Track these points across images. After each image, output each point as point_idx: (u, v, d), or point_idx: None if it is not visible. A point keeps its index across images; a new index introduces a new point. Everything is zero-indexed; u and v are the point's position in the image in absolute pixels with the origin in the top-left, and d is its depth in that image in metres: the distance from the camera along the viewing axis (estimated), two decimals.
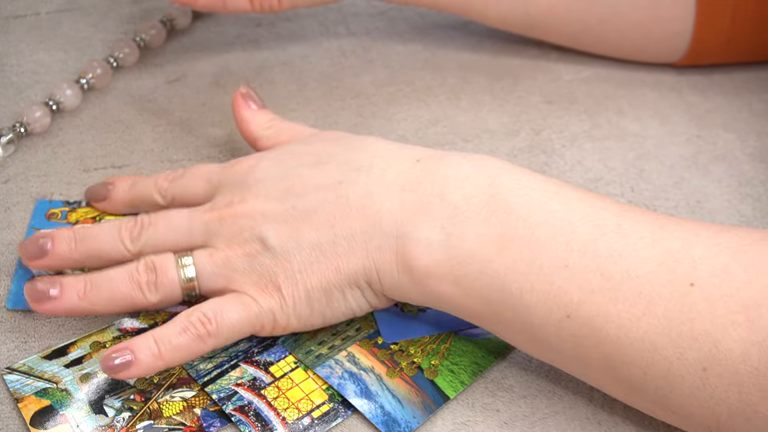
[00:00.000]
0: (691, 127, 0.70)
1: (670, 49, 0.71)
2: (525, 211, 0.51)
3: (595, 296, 0.49)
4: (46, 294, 0.54)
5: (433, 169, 0.54)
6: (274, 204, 0.54)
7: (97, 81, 0.71)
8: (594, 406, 0.54)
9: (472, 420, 0.53)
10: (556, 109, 0.71)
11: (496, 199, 0.52)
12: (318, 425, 0.53)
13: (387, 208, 0.53)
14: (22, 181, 0.65)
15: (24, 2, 0.79)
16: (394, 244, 0.52)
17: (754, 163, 0.67)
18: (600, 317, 0.48)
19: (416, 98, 0.72)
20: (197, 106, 0.71)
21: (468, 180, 0.53)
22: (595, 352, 0.49)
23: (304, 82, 0.73)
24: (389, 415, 0.53)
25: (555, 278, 0.49)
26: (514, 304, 0.50)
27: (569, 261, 0.49)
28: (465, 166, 0.53)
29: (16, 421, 0.53)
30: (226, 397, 0.54)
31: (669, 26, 0.69)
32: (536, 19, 0.71)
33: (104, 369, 0.52)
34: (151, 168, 0.66)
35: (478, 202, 0.52)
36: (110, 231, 0.56)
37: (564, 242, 0.50)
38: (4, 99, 0.71)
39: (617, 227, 0.50)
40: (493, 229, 0.51)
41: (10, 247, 0.61)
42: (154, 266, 0.54)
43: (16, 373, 0.55)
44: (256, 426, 0.52)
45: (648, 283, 0.48)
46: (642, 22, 0.69)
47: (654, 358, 0.47)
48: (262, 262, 0.53)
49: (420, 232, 0.52)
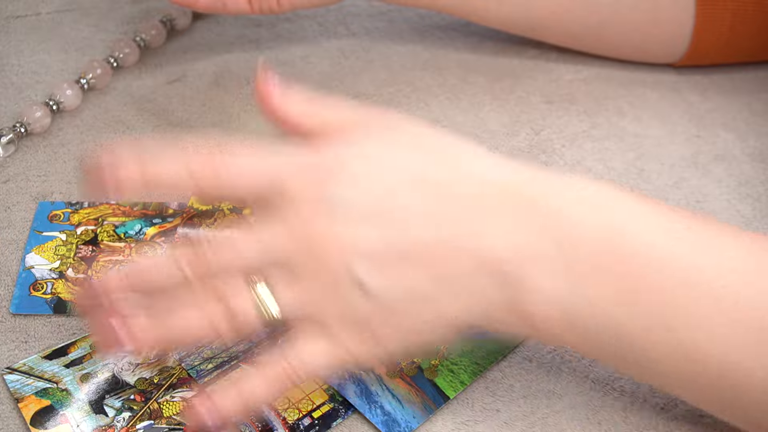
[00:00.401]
0: (690, 127, 0.70)
1: (670, 50, 0.71)
2: (653, 263, 0.46)
3: (735, 352, 0.45)
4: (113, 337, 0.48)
5: (547, 203, 0.47)
6: (367, 233, 0.47)
7: (97, 81, 0.71)
8: (594, 406, 0.54)
9: (472, 420, 0.54)
10: (556, 109, 0.71)
11: (619, 248, 0.46)
12: (318, 425, 0.53)
13: (498, 248, 0.47)
14: (22, 181, 0.65)
15: (24, 2, 0.79)
16: (507, 290, 0.47)
17: (753, 163, 0.67)
18: (741, 371, 0.46)
19: (416, 98, 0.72)
20: (197, 106, 0.71)
21: (586, 220, 0.47)
22: (734, 399, 0.47)
23: (304, 82, 0.73)
24: (389, 415, 0.53)
25: (687, 335, 0.46)
26: (639, 358, 0.47)
27: (701, 316, 0.46)
28: (583, 203, 0.48)
29: (16, 421, 0.53)
30: None
31: (669, 28, 0.69)
32: (537, 22, 0.71)
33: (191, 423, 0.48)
34: None
35: (599, 248, 0.47)
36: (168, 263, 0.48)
37: (695, 298, 0.46)
38: (4, 99, 0.71)
39: (759, 272, 0.46)
40: (617, 280, 0.46)
41: (11, 247, 0.61)
42: (228, 304, 0.47)
43: (17, 373, 0.55)
44: (256, 426, 0.52)
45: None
46: (642, 24, 0.69)
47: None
48: (352, 301, 0.47)
49: (535, 280, 0.47)
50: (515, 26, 0.71)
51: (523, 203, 0.48)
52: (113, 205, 0.63)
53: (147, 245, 0.61)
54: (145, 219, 0.63)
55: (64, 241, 0.61)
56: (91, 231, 0.62)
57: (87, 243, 0.61)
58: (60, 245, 0.61)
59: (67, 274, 0.57)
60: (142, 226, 0.62)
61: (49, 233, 0.62)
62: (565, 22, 0.70)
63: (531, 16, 0.70)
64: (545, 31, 0.71)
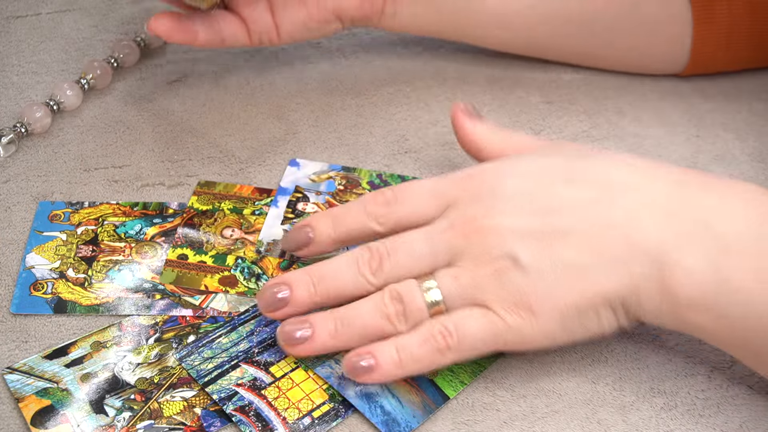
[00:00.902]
0: (690, 127, 0.70)
1: (669, 66, 0.71)
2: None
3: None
4: (300, 337, 0.54)
5: (697, 197, 0.52)
6: (525, 220, 0.52)
7: (97, 81, 0.71)
8: (594, 405, 0.54)
9: (472, 420, 0.54)
10: (555, 109, 0.71)
11: (767, 239, 0.50)
12: (318, 425, 0.53)
13: (651, 233, 0.51)
14: (22, 181, 0.65)
15: (24, 2, 0.79)
16: (658, 270, 0.50)
17: (753, 163, 0.67)
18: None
19: (416, 98, 0.72)
20: (197, 106, 0.71)
21: (736, 214, 0.51)
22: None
23: (304, 82, 0.73)
24: (389, 414, 0.53)
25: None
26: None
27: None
28: (733, 199, 0.52)
29: (16, 420, 0.53)
30: (226, 397, 0.54)
31: (667, 48, 0.70)
32: (537, 47, 0.72)
33: (347, 370, 0.52)
34: (151, 168, 0.66)
35: (747, 239, 0.50)
36: (348, 267, 0.54)
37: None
38: (4, 99, 0.71)
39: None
40: (764, 269, 0.49)
41: (11, 247, 0.61)
42: (400, 296, 0.53)
43: (17, 372, 0.55)
44: (256, 426, 0.52)
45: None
46: (640, 45, 0.70)
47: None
48: (512, 280, 0.52)
49: (686, 260, 0.50)
50: (516, 50, 0.72)
51: (675, 194, 0.52)
52: (113, 205, 0.64)
53: (147, 245, 0.61)
54: (146, 219, 0.63)
55: (64, 241, 0.61)
56: (92, 231, 0.62)
57: (87, 243, 0.61)
58: (60, 245, 0.61)
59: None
60: (143, 226, 0.62)
61: (49, 233, 0.62)
62: (566, 46, 0.71)
63: (531, 42, 0.71)
64: (546, 53, 0.72)
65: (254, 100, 0.71)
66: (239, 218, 0.63)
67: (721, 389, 0.55)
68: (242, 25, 0.67)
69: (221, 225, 0.62)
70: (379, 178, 0.65)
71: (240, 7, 0.67)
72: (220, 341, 0.56)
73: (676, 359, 0.56)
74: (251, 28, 0.67)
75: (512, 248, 0.52)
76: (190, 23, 0.66)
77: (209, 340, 0.56)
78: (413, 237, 0.54)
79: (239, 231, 0.62)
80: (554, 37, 0.70)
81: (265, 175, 0.66)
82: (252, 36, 0.68)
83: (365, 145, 0.68)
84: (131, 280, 0.59)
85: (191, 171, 0.66)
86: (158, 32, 0.65)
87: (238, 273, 0.59)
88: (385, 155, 0.67)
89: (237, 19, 0.67)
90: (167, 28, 0.65)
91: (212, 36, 0.67)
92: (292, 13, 0.67)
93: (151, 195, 0.65)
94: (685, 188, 0.52)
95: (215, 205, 0.63)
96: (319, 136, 0.69)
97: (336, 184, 0.65)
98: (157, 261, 0.60)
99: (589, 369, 0.56)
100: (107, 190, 0.65)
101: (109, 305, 0.58)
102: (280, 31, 0.68)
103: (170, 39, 0.66)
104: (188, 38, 0.66)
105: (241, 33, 0.67)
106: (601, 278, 0.51)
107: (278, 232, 0.62)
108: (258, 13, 0.67)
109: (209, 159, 0.67)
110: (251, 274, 0.59)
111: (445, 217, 0.54)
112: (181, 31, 0.65)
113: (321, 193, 0.64)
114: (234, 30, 0.67)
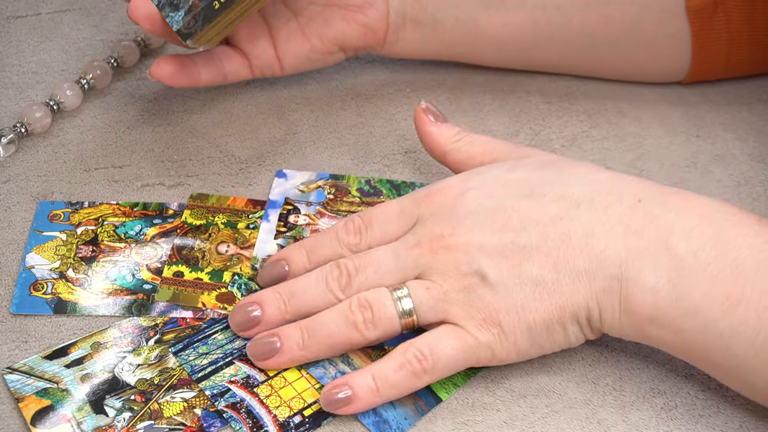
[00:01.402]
0: (690, 127, 0.70)
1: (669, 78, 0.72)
2: (753, 275, 0.50)
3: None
4: (269, 350, 0.54)
5: (657, 214, 0.53)
6: (491, 237, 0.53)
7: (97, 81, 0.71)
8: (594, 406, 0.54)
9: (472, 420, 0.54)
10: (555, 110, 0.71)
11: (723, 257, 0.51)
12: (309, 423, 0.53)
13: (611, 249, 0.52)
14: (22, 181, 0.65)
15: (24, 2, 0.79)
16: (617, 286, 0.52)
17: (753, 163, 0.67)
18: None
19: (416, 98, 0.72)
20: (197, 107, 0.71)
21: (693, 231, 0.52)
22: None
23: (304, 83, 0.73)
24: (381, 416, 0.53)
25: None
26: (737, 363, 0.50)
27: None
28: (690, 216, 0.52)
29: (16, 420, 0.53)
30: (219, 393, 0.54)
31: (667, 63, 0.70)
32: (536, 64, 0.72)
33: (324, 402, 0.52)
34: (151, 168, 0.66)
35: (705, 257, 0.51)
36: (317, 284, 0.55)
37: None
38: (4, 99, 0.71)
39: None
40: (720, 288, 0.50)
41: (11, 247, 0.61)
42: (368, 303, 0.54)
43: (17, 373, 0.55)
44: (247, 423, 0.53)
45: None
46: (640, 61, 0.70)
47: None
48: (480, 296, 0.53)
49: (645, 278, 0.51)
50: (515, 66, 0.72)
51: (636, 212, 0.53)
52: (113, 205, 0.64)
53: (147, 245, 0.61)
54: (145, 219, 0.63)
55: (64, 241, 0.61)
56: (92, 231, 0.62)
57: (87, 243, 0.61)
58: (60, 245, 0.61)
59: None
60: (143, 226, 0.62)
61: (49, 233, 0.62)
62: (563, 65, 0.71)
63: (528, 63, 0.71)
64: (544, 68, 0.72)
65: (254, 100, 0.71)
66: (234, 233, 0.62)
67: (721, 389, 0.55)
68: (244, 60, 0.67)
69: (216, 240, 0.62)
70: (368, 184, 0.65)
71: (242, 43, 0.67)
72: (215, 337, 0.56)
73: (676, 359, 0.56)
74: (254, 63, 0.67)
75: (480, 265, 0.53)
76: (192, 65, 0.65)
77: (205, 336, 0.56)
78: (381, 254, 0.55)
79: (234, 246, 0.61)
80: (554, 54, 0.70)
81: (266, 175, 0.66)
82: (254, 70, 0.67)
83: (365, 145, 0.68)
84: (131, 281, 0.59)
85: (191, 171, 0.66)
86: (160, 78, 0.64)
87: (235, 289, 0.59)
88: (385, 155, 0.67)
89: (239, 54, 0.67)
90: (169, 72, 0.65)
91: (215, 75, 0.66)
92: (295, 47, 0.67)
93: (151, 195, 0.65)
94: (644, 205, 0.53)
95: (209, 219, 0.63)
96: (319, 136, 0.69)
97: (326, 193, 0.64)
98: (157, 262, 0.60)
99: (589, 369, 0.56)
100: (107, 190, 0.65)
101: (109, 306, 0.58)
102: (283, 64, 0.68)
103: (173, 84, 0.65)
104: (191, 81, 0.66)
105: (244, 68, 0.67)
106: (565, 293, 0.52)
107: (272, 247, 0.61)
108: (260, 48, 0.67)
109: (209, 159, 0.67)
110: (248, 291, 0.59)
111: (413, 233, 0.55)
112: (183, 76, 0.65)
113: (311, 203, 0.64)
114: (236, 66, 0.67)
